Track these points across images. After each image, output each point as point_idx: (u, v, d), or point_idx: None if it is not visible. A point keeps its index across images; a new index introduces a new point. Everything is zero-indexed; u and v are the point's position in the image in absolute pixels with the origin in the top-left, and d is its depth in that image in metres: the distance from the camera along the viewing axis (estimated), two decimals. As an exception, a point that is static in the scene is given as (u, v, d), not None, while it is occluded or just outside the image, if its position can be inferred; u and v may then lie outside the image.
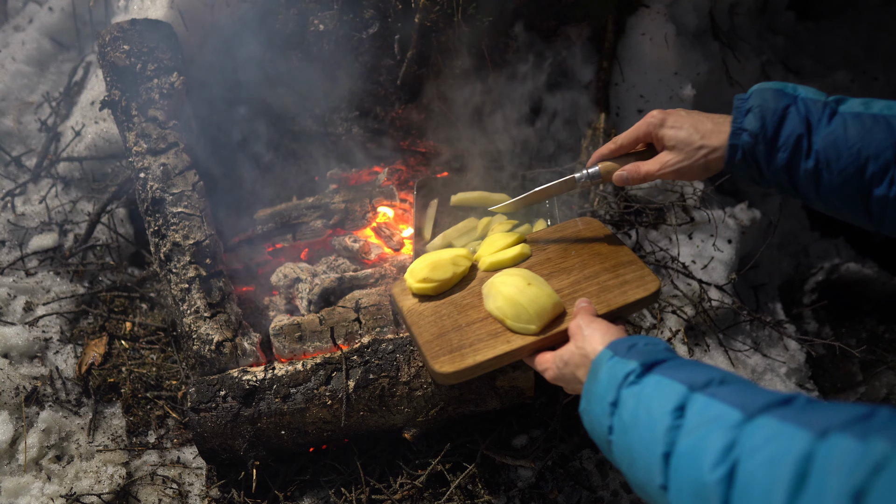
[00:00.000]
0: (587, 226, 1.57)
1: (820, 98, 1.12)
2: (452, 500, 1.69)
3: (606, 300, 1.36)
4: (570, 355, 1.17)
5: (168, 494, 1.76)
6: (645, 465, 0.84)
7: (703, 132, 1.21)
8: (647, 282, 1.39)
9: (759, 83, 1.19)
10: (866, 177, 1.05)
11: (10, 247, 2.28)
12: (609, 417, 0.95)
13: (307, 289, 1.93)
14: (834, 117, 1.09)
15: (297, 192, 2.40)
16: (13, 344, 1.98)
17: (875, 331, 2.42)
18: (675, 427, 0.81)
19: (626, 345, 1.03)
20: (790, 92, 1.14)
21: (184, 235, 1.85)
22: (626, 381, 0.95)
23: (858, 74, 2.98)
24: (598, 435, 0.99)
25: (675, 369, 0.91)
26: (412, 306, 1.45)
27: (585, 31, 2.41)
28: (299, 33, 2.28)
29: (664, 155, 1.27)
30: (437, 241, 1.95)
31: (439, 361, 1.31)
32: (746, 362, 2.08)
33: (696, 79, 2.43)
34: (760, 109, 1.13)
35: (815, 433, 0.64)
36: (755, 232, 2.39)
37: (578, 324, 1.19)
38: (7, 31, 2.73)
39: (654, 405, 0.87)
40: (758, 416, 0.73)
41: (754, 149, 1.14)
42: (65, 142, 2.46)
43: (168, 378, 2.02)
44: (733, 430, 0.73)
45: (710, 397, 0.81)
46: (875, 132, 1.04)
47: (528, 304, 1.31)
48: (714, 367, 0.90)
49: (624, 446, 0.91)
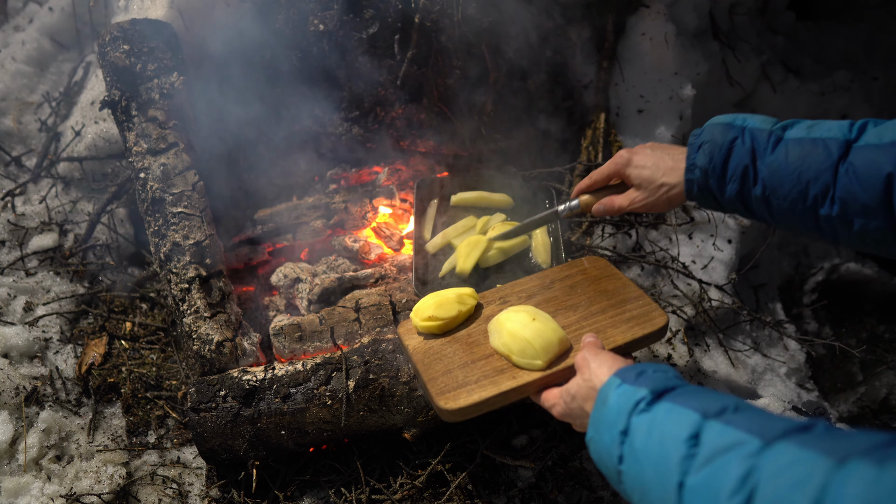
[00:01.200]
0: (593, 264, 1.58)
1: (766, 127, 1.17)
2: (452, 500, 1.69)
3: (613, 336, 1.36)
4: (578, 388, 1.14)
5: (168, 494, 1.77)
6: (659, 496, 0.82)
7: (663, 170, 1.29)
8: (654, 317, 1.40)
9: (713, 117, 1.25)
10: (809, 199, 1.09)
11: (10, 247, 2.28)
12: (619, 446, 0.92)
13: (307, 289, 1.93)
14: (778, 145, 1.13)
15: (297, 192, 2.40)
16: (13, 344, 1.98)
17: (875, 331, 2.42)
18: (690, 456, 0.79)
19: (635, 372, 1.01)
20: (739, 124, 1.19)
21: (184, 235, 1.85)
22: (637, 409, 0.92)
23: (858, 74, 2.98)
24: (607, 465, 0.96)
25: (687, 396, 0.90)
26: (417, 345, 1.44)
27: (585, 31, 2.41)
28: (299, 33, 2.28)
29: (632, 192, 1.37)
30: (436, 241, 1.95)
31: (444, 398, 1.29)
32: (746, 362, 2.08)
33: (696, 79, 2.43)
34: (710, 145, 1.20)
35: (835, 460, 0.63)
36: (755, 232, 2.39)
37: (585, 356, 1.17)
38: (7, 31, 2.73)
39: (668, 433, 0.84)
40: (776, 443, 0.71)
41: (706, 182, 1.22)
42: (65, 142, 2.46)
43: (168, 378, 2.02)
44: (751, 457, 0.71)
45: (725, 424, 0.79)
46: (813, 155, 1.08)
47: (533, 339, 1.30)
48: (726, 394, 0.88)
49: (635, 476, 0.89)
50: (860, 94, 2.92)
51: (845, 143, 1.06)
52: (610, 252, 2.14)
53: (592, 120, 2.39)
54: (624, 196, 1.38)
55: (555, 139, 2.48)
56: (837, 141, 1.06)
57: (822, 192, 1.07)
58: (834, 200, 1.06)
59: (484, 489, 1.73)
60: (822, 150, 1.07)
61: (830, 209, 1.07)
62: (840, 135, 1.07)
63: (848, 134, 1.06)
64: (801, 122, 1.14)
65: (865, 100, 2.92)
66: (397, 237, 2.12)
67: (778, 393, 2.03)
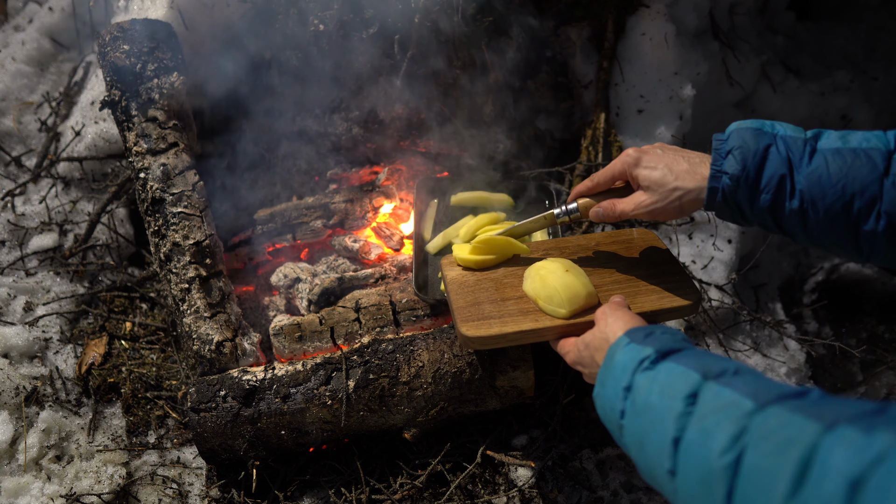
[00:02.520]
0: (641, 235, 1.60)
1: (799, 135, 1.10)
2: (452, 500, 1.69)
3: (641, 302, 1.39)
4: (592, 338, 1.19)
5: (168, 494, 1.77)
6: (655, 450, 0.86)
7: (677, 173, 1.19)
8: (688, 293, 1.41)
9: (735, 122, 1.16)
10: (853, 213, 1.03)
11: (10, 247, 2.28)
12: (622, 401, 0.96)
13: (307, 289, 1.93)
14: (815, 155, 1.07)
15: (297, 192, 2.40)
16: (13, 344, 1.98)
17: (875, 331, 2.42)
18: (686, 413, 0.82)
19: (644, 332, 1.05)
20: (769, 130, 1.12)
21: (184, 235, 1.85)
22: (641, 367, 0.96)
23: (858, 74, 2.98)
24: (610, 419, 1.00)
25: (690, 358, 0.93)
26: (456, 276, 1.51)
27: (585, 31, 2.41)
28: (299, 33, 2.28)
29: (639, 195, 1.26)
30: (437, 241, 1.95)
31: (467, 325, 1.36)
32: (746, 362, 2.08)
33: (696, 79, 2.42)
34: (741, 151, 1.11)
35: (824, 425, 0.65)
36: (755, 232, 2.39)
37: (604, 310, 1.22)
38: (7, 31, 2.73)
39: (667, 391, 0.88)
40: (769, 406, 0.74)
41: (735, 191, 1.12)
42: (65, 142, 2.46)
43: (168, 378, 2.02)
44: (744, 418, 0.74)
45: (723, 386, 0.82)
46: (857, 167, 1.02)
47: (562, 289, 1.34)
48: (728, 358, 0.91)
49: (635, 430, 0.93)
50: (860, 94, 2.92)
51: (887, 154, 1.02)
52: (610, 252, 2.14)
53: (592, 120, 2.39)
54: (628, 200, 1.29)
55: (555, 139, 2.48)
56: (880, 152, 1.02)
57: (868, 206, 1.02)
58: (880, 215, 1.01)
59: (484, 489, 1.73)
60: (866, 161, 1.02)
61: (876, 224, 1.02)
62: (881, 145, 1.03)
63: (890, 145, 1.03)
64: (829, 132, 1.10)
65: (865, 100, 2.92)
66: (397, 237, 2.12)
67: (778, 393, 2.03)
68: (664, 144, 1.28)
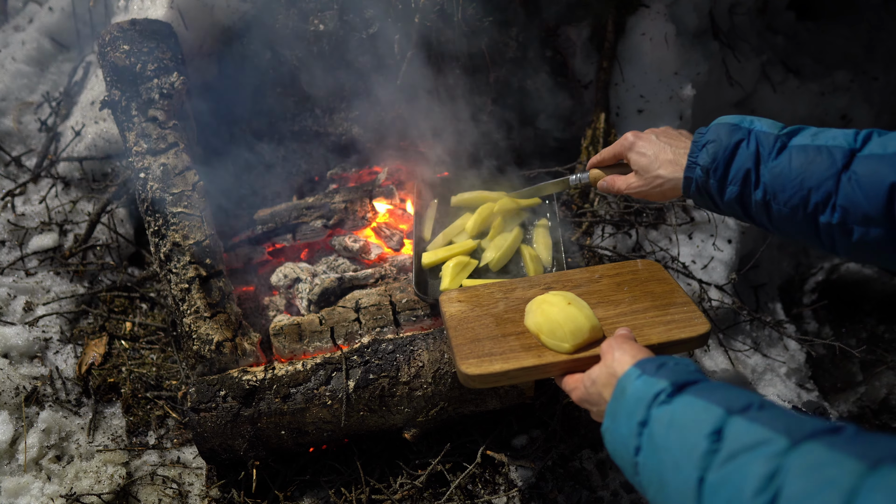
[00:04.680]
0: (646, 267, 1.57)
1: (773, 131, 1.16)
2: (452, 500, 1.69)
3: (648, 335, 1.35)
4: (599, 374, 1.14)
5: (168, 494, 1.76)
6: (676, 490, 0.81)
7: (661, 161, 1.28)
8: (696, 324, 1.38)
9: (720, 116, 1.23)
10: (810, 207, 1.08)
11: (10, 247, 2.28)
12: (637, 437, 0.91)
13: (307, 289, 1.93)
14: (783, 151, 1.13)
15: (297, 192, 2.40)
16: (13, 344, 1.98)
17: (875, 331, 2.42)
18: (712, 451, 0.78)
19: (655, 364, 1.00)
20: (746, 126, 1.18)
21: (184, 235, 1.85)
22: (657, 401, 0.91)
23: (858, 74, 2.98)
24: (623, 456, 0.95)
25: (710, 391, 0.88)
26: (455, 312, 1.48)
27: (585, 31, 2.41)
28: (299, 33, 2.28)
29: (630, 176, 1.37)
30: (437, 241, 1.95)
31: (466, 363, 1.32)
32: (746, 362, 2.08)
33: (696, 79, 2.43)
34: (714, 145, 1.19)
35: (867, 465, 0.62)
36: (755, 232, 2.39)
37: (610, 343, 1.16)
38: (7, 31, 2.73)
39: (689, 427, 0.83)
40: (804, 443, 0.70)
41: (706, 182, 1.20)
42: (65, 142, 2.46)
43: (168, 378, 2.02)
44: (778, 457, 0.70)
45: (751, 421, 0.78)
46: (817, 163, 1.07)
47: (565, 322, 1.30)
48: (750, 391, 0.86)
49: (653, 468, 0.87)
50: (860, 94, 2.92)
51: (850, 151, 1.05)
52: (610, 252, 2.14)
53: (592, 120, 2.39)
54: (623, 179, 1.39)
55: (555, 139, 2.48)
56: (842, 149, 1.06)
57: (824, 200, 1.07)
58: (835, 208, 1.06)
59: (484, 489, 1.73)
60: (827, 157, 1.06)
61: (831, 217, 1.06)
62: (845, 143, 1.07)
63: (853, 143, 1.06)
64: (806, 129, 1.14)
65: (865, 100, 2.92)
66: (397, 237, 2.12)
67: (778, 393, 2.03)
68: (667, 129, 1.33)
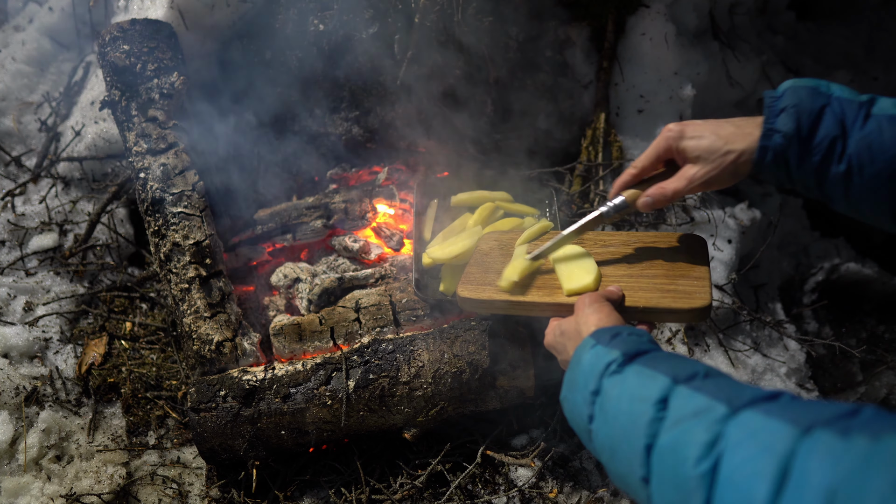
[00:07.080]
0: (686, 240, 1.47)
1: (855, 98, 1.07)
2: (452, 500, 1.69)
3: (638, 297, 1.30)
4: (568, 326, 1.19)
5: (168, 494, 1.76)
6: (626, 457, 0.84)
7: (726, 137, 1.15)
8: (695, 297, 1.29)
9: (789, 80, 1.13)
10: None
11: (10, 247, 2.28)
12: (590, 406, 0.95)
13: (307, 289, 1.93)
14: (868, 119, 1.04)
15: (297, 192, 2.40)
16: (13, 344, 1.98)
17: (875, 331, 2.42)
18: (657, 419, 0.80)
19: (610, 334, 1.03)
20: (825, 91, 1.09)
21: (184, 235, 1.85)
22: (608, 371, 0.94)
23: (858, 74, 2.98)
24: (578, 424, 0.99)
25: (658, 361, 0.91)
26: (484, 248, 1.57)
27: (585, 31, 2.41)
28: (299, 33, 2.28)
29: (689, 169, 1.21)
30: (437, 241, 1.95)
31: (462, 286, 1.42)
32: (746, 362, 2.08)
33: (696, 79, 2.42)
34: (796, 109, 1.07)
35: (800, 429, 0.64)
36: (755, 232, 2.39)
37: (584, 299, 1.20)
38: (7, 31, 2.73)
39: (637, 396, 0.86)
40: (743, 411, 0.72)
41: (786, 150, 1.09)
42: (65, 142, 2.46)
43: (168, 378, 2.02)
44: (718, 424, 0.72)
45: (694, 390, 0.80)
46: None
47: (562, 269, 1.37)
48: (696, 360, 0.88)
49: (605, 436, 0.91)
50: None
51: None
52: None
53: (592, 120, 2.39)
54: (679, 177, 1.22)
55: (555, 139, 2.48)
56: None
57: None
58: None
59: (484, 489, 1.73)
60: None
61: None
62: None
63: None
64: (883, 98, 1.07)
65: (865, 100, 2.92)
66: (397, 237, 2.12)
67: (778, 393, 2.03)
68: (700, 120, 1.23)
